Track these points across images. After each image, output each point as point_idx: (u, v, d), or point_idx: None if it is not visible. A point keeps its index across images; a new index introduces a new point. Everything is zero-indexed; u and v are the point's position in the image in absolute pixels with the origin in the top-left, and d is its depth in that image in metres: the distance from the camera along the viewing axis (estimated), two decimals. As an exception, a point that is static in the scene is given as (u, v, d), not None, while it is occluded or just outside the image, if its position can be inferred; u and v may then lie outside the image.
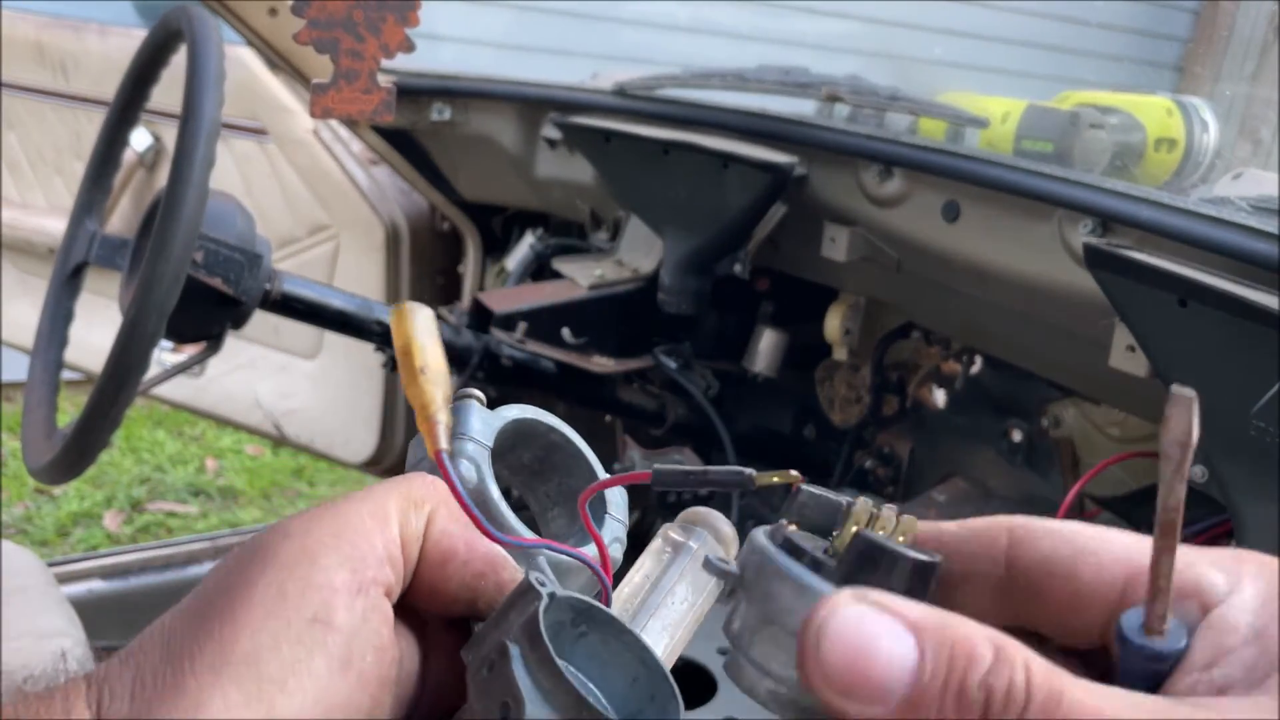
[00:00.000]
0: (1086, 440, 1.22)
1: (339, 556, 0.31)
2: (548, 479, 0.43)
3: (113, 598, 1.57)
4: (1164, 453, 0.27)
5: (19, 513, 2.63)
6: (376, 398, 1.83)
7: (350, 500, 0.33)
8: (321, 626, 0.30)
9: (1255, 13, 2.61)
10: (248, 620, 0.29)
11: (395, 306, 0.38)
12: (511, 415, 0.40)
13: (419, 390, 0.36)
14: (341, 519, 0.32)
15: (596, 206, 1.58)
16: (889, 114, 1.36)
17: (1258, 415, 0.80)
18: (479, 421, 0.38)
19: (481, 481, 0.37)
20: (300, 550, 0.31)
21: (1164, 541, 0.27)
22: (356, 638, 0.30)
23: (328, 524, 0.32)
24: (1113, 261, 0.90)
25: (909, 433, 1.44)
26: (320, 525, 0.32)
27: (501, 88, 1.55)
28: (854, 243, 1.23)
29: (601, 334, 1.43)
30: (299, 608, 0.30)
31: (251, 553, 0.31)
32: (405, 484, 0.34)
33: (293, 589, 0.30)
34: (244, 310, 1.20)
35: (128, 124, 1.25)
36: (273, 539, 0.31)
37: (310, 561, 0.30)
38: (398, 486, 0.34)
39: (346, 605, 0.30)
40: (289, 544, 0.31)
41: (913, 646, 0.27)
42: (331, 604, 0.30)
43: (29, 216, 1.99)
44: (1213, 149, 1.31)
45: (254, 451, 3.04)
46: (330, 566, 0.31)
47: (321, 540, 0.31)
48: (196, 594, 0.31)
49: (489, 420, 0.39)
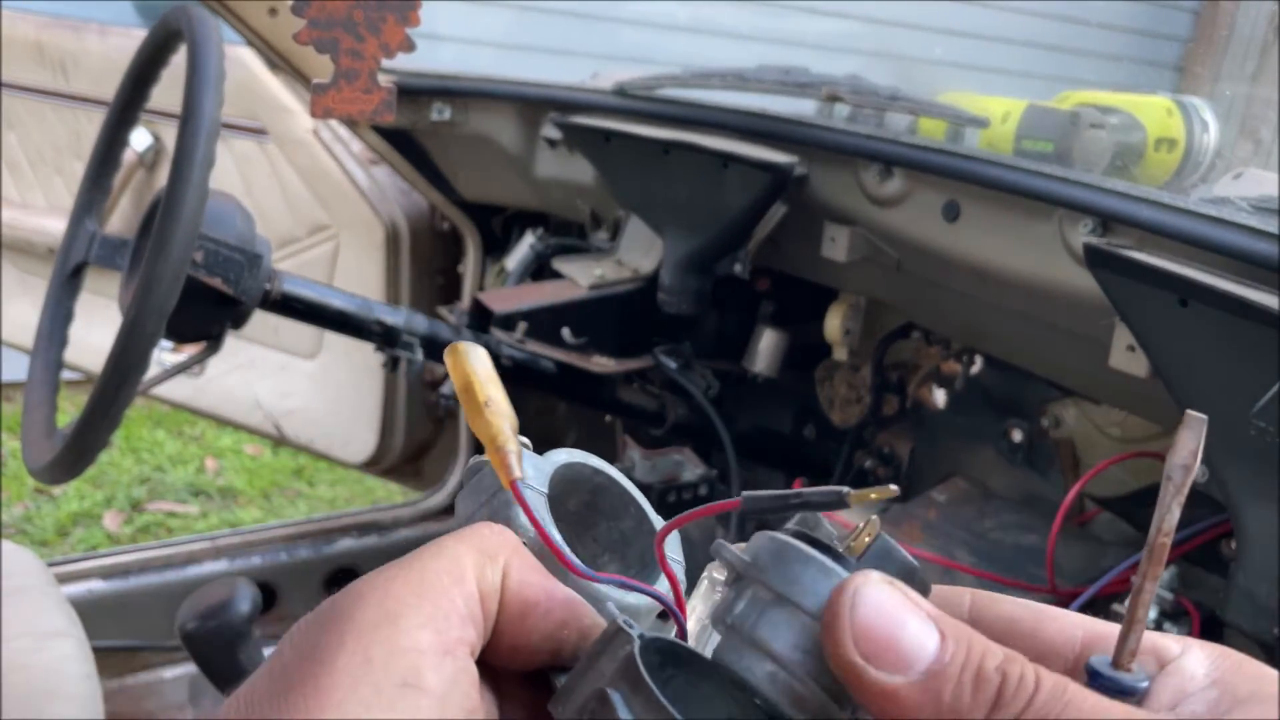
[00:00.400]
0: (1087, 440, 1.22)
1: (421, 617, 0.29)
2: (594, 525, 0.41)
3: (112, 598, 1.57)
4: (1167, 474, 0.27)
5: (19, 513, 2.63)
6: (376, 398, 1.83)
7: (423, 557, 0.31)
8: (413, 691, 0.28)
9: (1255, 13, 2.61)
10: (334, 689, 0.28)
11: (450, 348, 0.37)
12: (560, 460, 0.39)
13: (485, 423, 0.35)
14: (418, 578, 0.30)
15: (596, 206, 1.58)
16: (889, 114, 1.36)
17: (1258, 415, 0.80)
18: (531, 468, 0.37)
19: (544, 527, 0.36)
20: (381, 613, 0.29)
21: (1151, 569, 0.28)
22: (448, 701, 0.29)
23: (405, 584, 0.30)
24: (1113, 261, 0.89)
25: (909, 433, 1.44)
26: (398, 586, 0.30)
27: (501, 88, 1.55)
28: (854, 243, 1.23)
29: (601, 334, 1.43)
30: (387, 673, 0.28)
31: (327, 619, 0.30)
32: (476, 537, 0.33)
33: (378, 654, 0.28)
34: (244, 310, 1.20)
35: (128, 124, 1.25)
36: (349, 603, 0.30)
37: (392, 624, 0.29)
38: (468, 540, 0.32)
39: (435, 667, 0.29)
40: (367, 607, 0.30)
41: (936, 631, 0.29)
42: (420, 667, 0.29)
43: (29, 216, 1.99)
44: (1213, 149, 1.30)
45: (254, 451, 3.04)
46: (414, 628, 0.29)
47: (402, 601, 0.30)
48: (274, 665, 0.30)
49: (540, 465, 0.38)
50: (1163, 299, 0.85)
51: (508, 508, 0.36)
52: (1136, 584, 0.28)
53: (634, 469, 1.38)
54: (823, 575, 0.31)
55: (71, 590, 1.52)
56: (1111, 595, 1.02)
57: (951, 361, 1.37)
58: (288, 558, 1.73)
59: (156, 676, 1.62)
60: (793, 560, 0.31)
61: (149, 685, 1.61)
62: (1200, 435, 0.27)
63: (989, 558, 1.11)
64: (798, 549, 0.31)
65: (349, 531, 1.79)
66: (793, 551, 0.31)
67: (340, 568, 1.78)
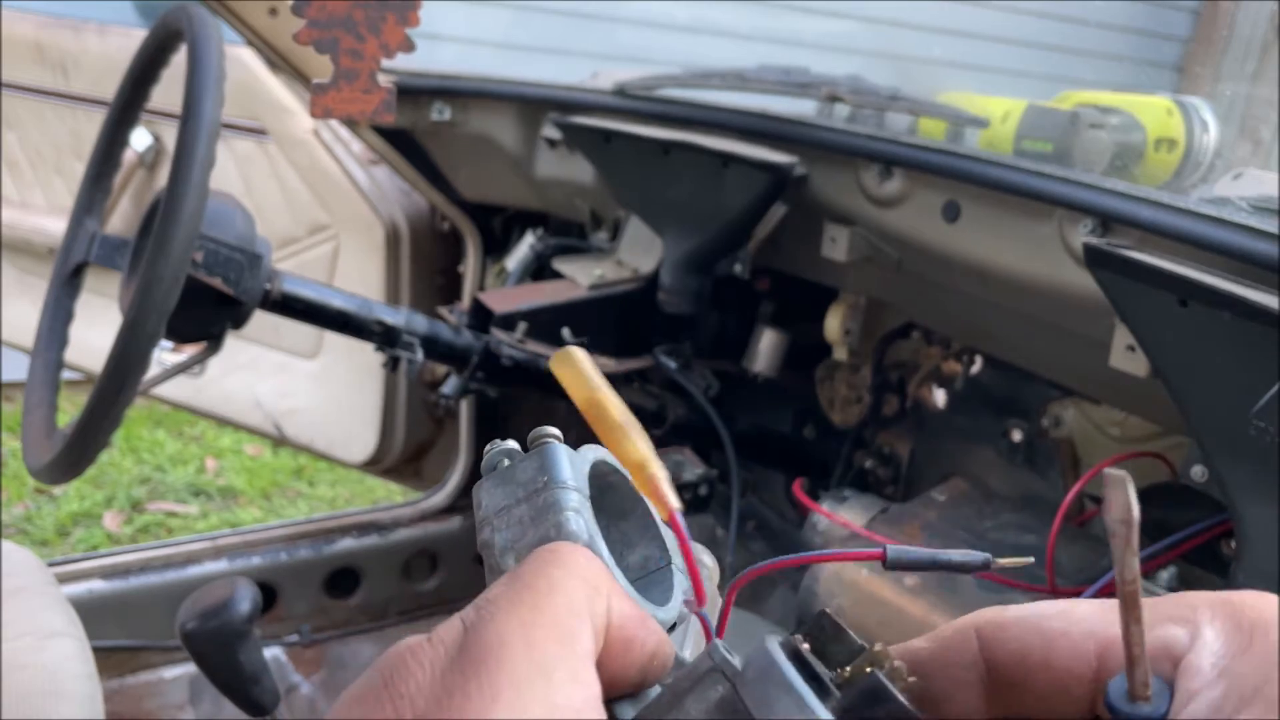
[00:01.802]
0: (1086, 440, 1.22)
1: (568, 671, 0.28)
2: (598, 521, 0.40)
3: (113, 598, 1.57)
4: (1110, 531, 0.28)
5: (19, 513, 2.63)
6: (376, 398, 1.83)
7: (540, 591, 0.30)
8: None
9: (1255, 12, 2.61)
10: None
11: (557, 356, 0.35)
12: (592, 458, 0.37)
13: (632, 447, 0.33)
14: (552, 622, 0.29)
15: (596, 206, 1.58)
16: (889, 114, 1.36)
17: (1258, 415, 0.80)
18: (568, 465, 0.35)
19: (593, 539, 0.33)
20: (531, 667, 0.27)
21: (1130, 613, 0.28)
22: None
23: (546, 630, 0.28)
24: (1113, 261, 0.89)
25: (909, 433, 1.44)
26: (539, 632, 0.28)
27: (501, 88, 1.55)
28: (854, 243, 1.23)
29: (601, 334, 1.43)
30: None
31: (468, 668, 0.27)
32: (576, 566, 0.31)
33: (536, 711, 0.27)
34: (244, 310, 1.20)
35: (128, 124, 1.25)
36: (491, 650, 0.28)
37: (546, 679, 0.27)
38: (572, 569, 0.31)
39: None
40: (515, 656, 0.28)
41: None
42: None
43: (29, 216, 1.99)
44: (1213, 149, 1.30)
45: (254, 451, 3.04)
46: (564, 684, 0.28)
47: (546, 650, 0.28)
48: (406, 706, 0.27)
49: (576, 463, 0.35)
50: (1162, 299, 0.85)
51: (553, 509, 0.34)
52: (1123, 629, 0.28)
53: (634, 469, 1.38)
54: (795, 708, 0.29)
55: (72, 590, 1.52)
56: (1111, 594, 1.02)
57: (951, 361, 1.37)
58: (288, 558, 1.73)
59: (156, 676, 1.62)
60: (773, 683, 0.30)
61: (149, 685, 1.61)
62: (1126, 489, 0.27)
63: (989, 558, 1.11)
64: (781, 673, 0.30)
65: (349, 531, 1.79)
66: (775, 674, 0.30)
67: (340, 567, 1.78)
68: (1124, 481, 0.28)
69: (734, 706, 0.29)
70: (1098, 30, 4.00)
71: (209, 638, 0.84)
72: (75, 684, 1.00)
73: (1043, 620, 0.32)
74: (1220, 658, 0.29)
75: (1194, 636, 0.30)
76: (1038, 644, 0.32)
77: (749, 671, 0.30)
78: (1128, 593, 0.28)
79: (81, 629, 1.08)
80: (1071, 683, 0.31)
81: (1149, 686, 0.29)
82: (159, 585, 1.61)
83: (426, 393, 1.84)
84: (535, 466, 0.35)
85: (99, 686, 1.03)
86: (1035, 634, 0.32)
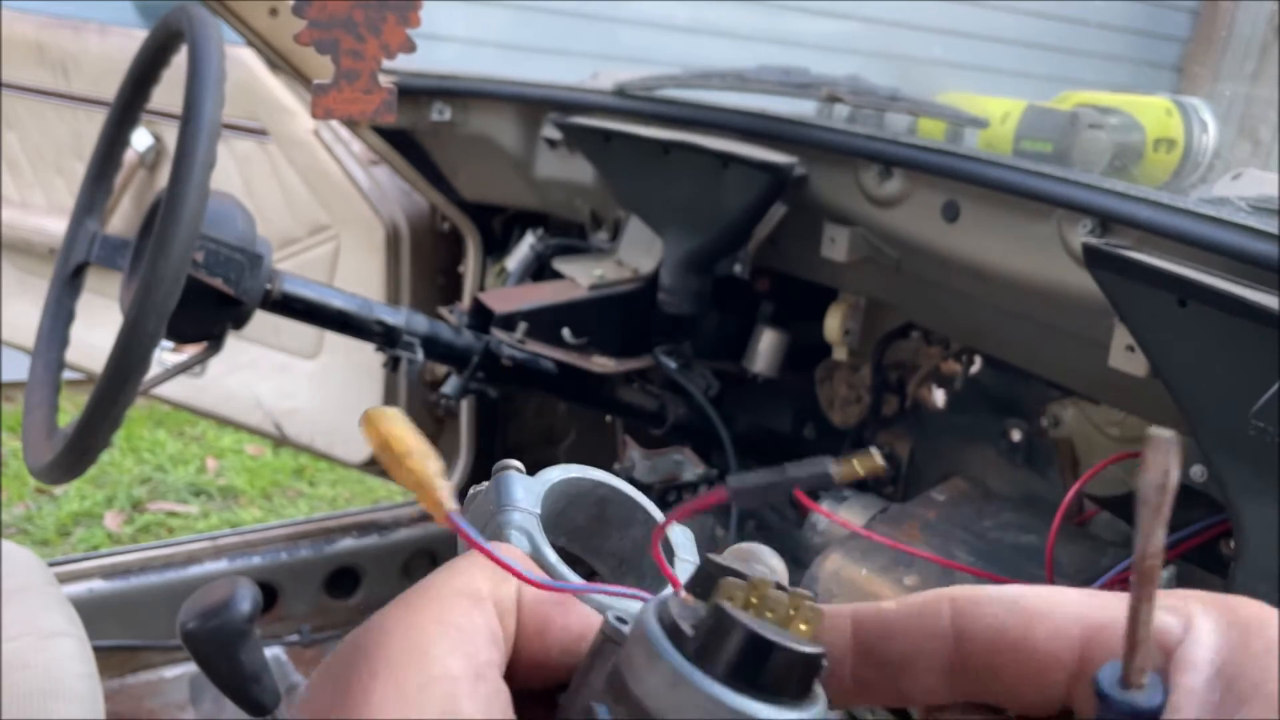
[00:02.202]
0: (1086, 440, 1.22)
1: (448, 644, 0.29)
2: (607, 537, 0.40)
3: (113, 597, 1.58)
4: (1142, 497, 0.25)
5: (20, 513, 2.63)
6: (377, 398, 1.84)
7: (436, 582, 0.31)
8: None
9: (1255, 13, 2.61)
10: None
11: (362, 416, 0.36)
12: (554, 478, 0.38)
13: (409, 471, 0.34)
14: (437, 603, 0.30)
15: (596, 207, 1.58)
16: (888, 114, 1.36)
17: (1257, 415, 0.81)
18: (521, 490, 0.37)
19: (536, 549, 0.35)
20: (408, 644, 0.29)
21: (1143, 590, 0.26)
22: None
23: (426, 612, 0.30)
24: (1112, 261, 0.90)
25: (909, 433, 1.44)
26: (419, 614, 0.29)
27: (501, 88, 1.55)
28: (854, 243, 1.23)
29: (602, 334, 1.43)
30: (423, 706, 0.28)
31: (354, 657, 0.29)
32: (477, 560, 0.32)
33: (412, 686, 0.28)
34: (244, 310, 1.20)
35: (128, 124, 1.25)
36: (373, 638, 0.29)
37: (422, 654, 0.28)
38: (479, 559, 0.32)
39: (470, 694, 0.28)
40: (393, 640, 0.29)
41: None
42: (456, 695, 0.28)
43: (29, 216, 1.99)
44: (1212, 149, 1.31)
45: (254, 451, 3.04)
46: (443, 655, 0.28)
47: (426, 630, 0.29)
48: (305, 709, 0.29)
49: (531, 486, 0.37)
50: (1162, 299, 0.86)
51: (500, 530, 0.35)
52: (1131, 607, 0.26)
53: (634, 469, 1.38)
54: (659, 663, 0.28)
55: (72, 590, 1.53)
56: (1111, 595, 1.02)
57: (951, 361, 1.37)
58: (288, 557, 1.73)
59: (157, 676, 1.62)
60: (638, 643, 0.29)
61: (149, 684, 1.61)
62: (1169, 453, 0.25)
63: (988, 557, 1.12)
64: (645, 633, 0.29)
65: (350, 531, 1.80)
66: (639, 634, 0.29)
67: (341, 567, 1.78)
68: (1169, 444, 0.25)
69: (620, 673, 0.29)
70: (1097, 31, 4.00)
71: (209, 637, 0.84)
72: (76, 683, 1.00)
73: (1023, 599, 0.30)
74: (1216, 652, 0.28)
75: (1187, 628, 0.28)
76: (1016, 622, 0.30)
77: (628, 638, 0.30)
78: (1147, 568, 0.26)
79: (82, 629, 1.08)
80: (1048, 667, 0.29)
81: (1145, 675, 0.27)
82: (159, 585, 1.61)
83: (427, 393, 1.84)
84: (491, 494, 0.37)
85: (99, 686, 1.03)
86: (1014, 611, 0.30)
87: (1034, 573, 1.07)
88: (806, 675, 0.28)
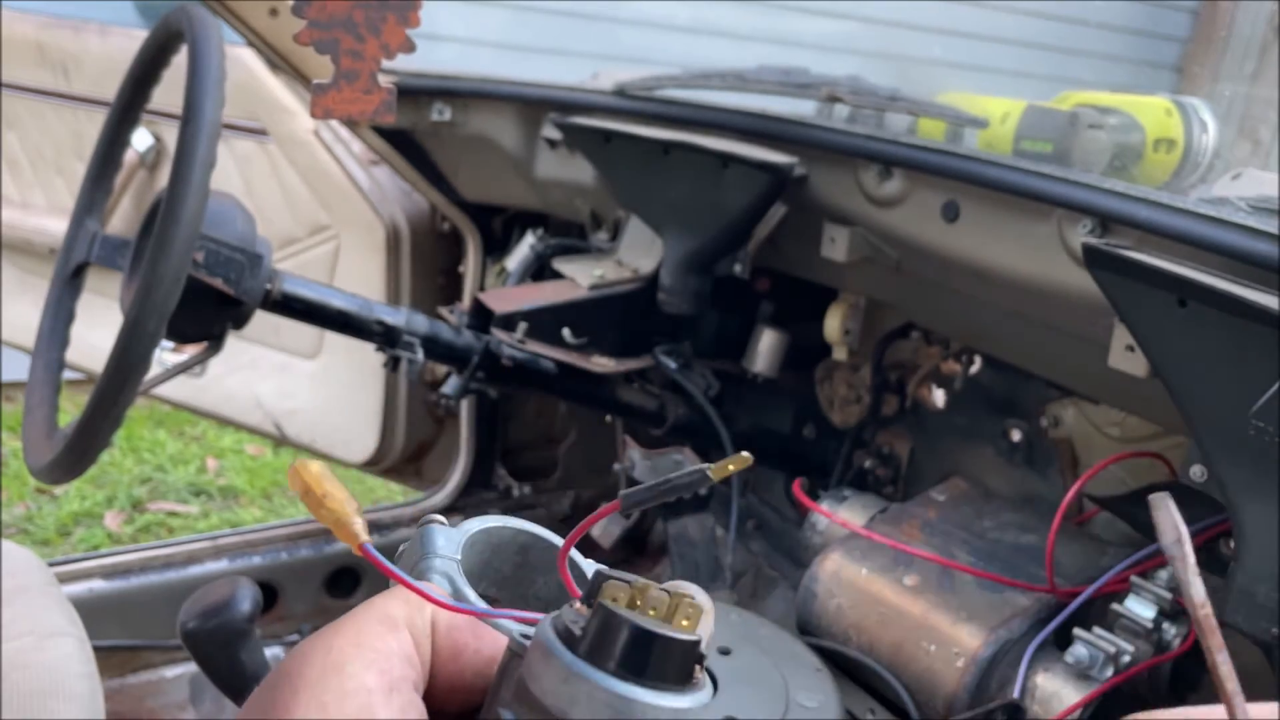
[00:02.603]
0: (1086, 440, 1.22)
1: (363, 662, 0.32)
2: (532, 581, 0.43)
3: (114, 597, 1.57)
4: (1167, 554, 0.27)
5: (20, 512, 2.63)
6: (377, 398, 1.84)
7: (355, 615, 0.34)
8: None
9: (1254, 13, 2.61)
10: None
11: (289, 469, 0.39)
12: (473, 528, 0.41)
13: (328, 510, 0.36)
14: (354, 630, 0.33)
15: (596, 207, 1.58)
16: (888, 114, 1.36)
17: (1257, 415, 0.81)
18: (443, 539, 0.39)
19: (457, 590, 0.38)
20: (326, 664, 0.32)
21: (1212, 640, 0.27)
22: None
23: (344, 636, 0.33)
24: (1112, 261, 0.90)
25: (909, 432, 1.44)
26: (336, 639, 0.33)
27: (501, 88, 1.55)
28: (854, 243, 1.23)
29: (601, 334, 1.43)
30: (341, 710, 0.30)
31: (279, 681, 0.32)
32: (401, 592, 0.35)
33: (331, 699, 0.31)
34: (245, 310, 1.20)
35: (129, 124, 1.25)
36: (295, 665, 0.32)
37: (338, 671, 0.31)
38: (396, 594, 0.35)
39: (384, 703, 0.31)
40: (313, 663, 0.32)
41: None
42: (370, 704, 0.31)
43: (29, 217, 1.99)
44: (1211, 149, 1.31)
45: (255, 451, 3.04)
46: (358, 672, 0.31)
47: (343, 651, 0.32)
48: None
49: (452, 536, 0.40)
50: (1161, 299, 0.86)
51: (427, 574, 0.38)
52: (1210, 661, 0.27)
53: (634, 469, 1.38)
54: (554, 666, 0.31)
55: (72, 589, 1.53)
56: (1110, 595, 1.02)
57: (951, 361, 1.37)
58: (289, 557, 1.73)
59: (157, 675, 1.62)
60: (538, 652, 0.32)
61: (150, 684, 1.61)
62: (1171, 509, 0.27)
63: (988, 557, 1.12)
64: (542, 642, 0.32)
65: (349, 531, 1.79)
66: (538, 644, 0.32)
67: (341, 567, 1.78)
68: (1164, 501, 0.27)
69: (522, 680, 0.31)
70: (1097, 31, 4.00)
71: (210, 637, 0.84)
72: (76, 683, 1.00)
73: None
74: None
75: None
76: None
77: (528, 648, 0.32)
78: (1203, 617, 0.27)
79: (82, 628, 1.08)
80: None
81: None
82: (160, 585, 1.61)
83: (427, 393, 1.84)
84: (415, 545, 0.40)
85: (100, 686, 1.03)
86: None
87: (1034, 572, 1.07)
88: (687, 662, 0.31)
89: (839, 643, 1.10)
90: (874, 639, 1.08)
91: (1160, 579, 0.99)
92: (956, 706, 1.00)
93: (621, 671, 0.30)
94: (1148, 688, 0.99)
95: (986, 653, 1.00)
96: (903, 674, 1.05)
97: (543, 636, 0.31)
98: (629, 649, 0.30)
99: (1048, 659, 0.99)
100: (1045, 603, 1.04)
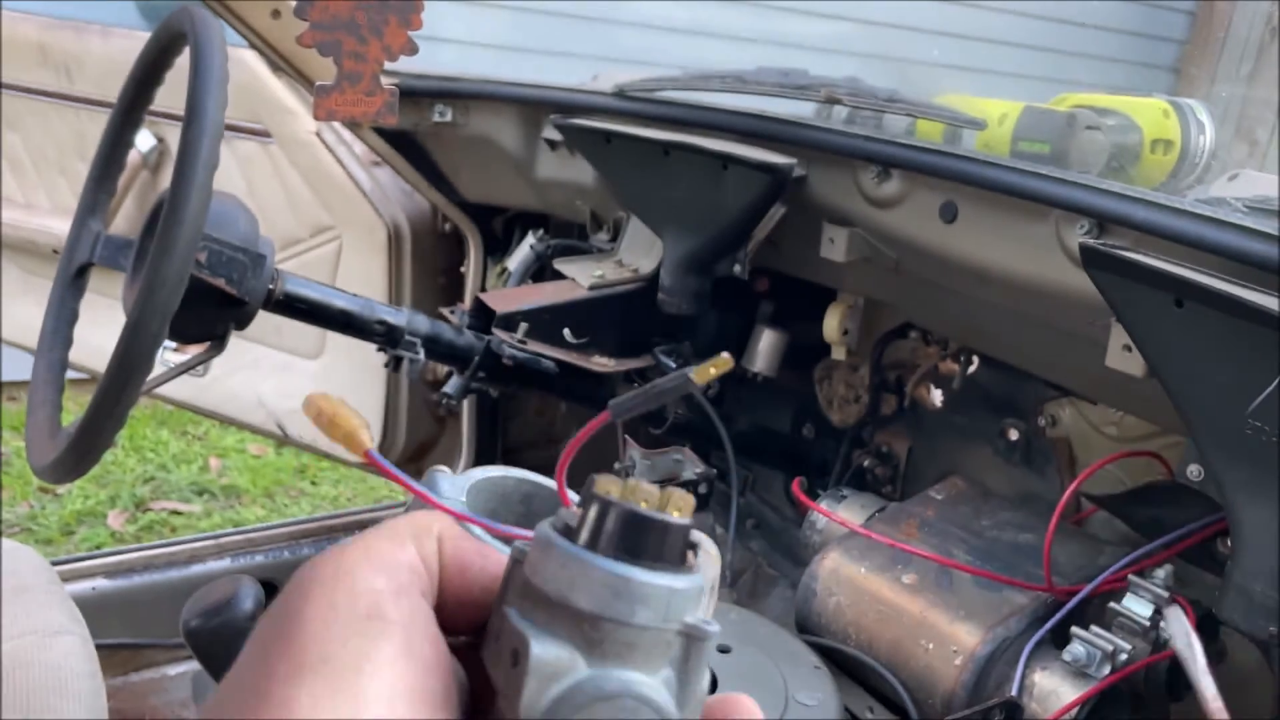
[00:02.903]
0: (1083, 439, 1.23)
1: (372, 568, 0.33)
2: None
3: (116, 596, 1.58)
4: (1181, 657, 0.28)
5: (23, 511, 2.63)
6: (379, 397, 1.84)
7: (364, 535, 0.35)
8: (378, 621, 0.32)
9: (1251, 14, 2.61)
10: (309, 633, 0.31)
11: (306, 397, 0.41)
12: (476, 475, 0.43)
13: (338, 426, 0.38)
14: (363, 546, 0.34)
15: (597, 207, 1.59)
16: (887, 116, 1.36)
17: (1254, 414, 0.81)
18: (447, 484, 0.42)
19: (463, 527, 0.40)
20: (335, 572, 0.33)
21: None
22: (411, 629, 0.32)
23: (353, 550, 0.34)
24: (1109, 262, 0.90)
25: (907, 432, 1.44)
26: (346, 553, 0.34)
27: (502, 89, 1.56)
28: (853, 243, 1.24)
29: (602, 334, 1.44)
30: (352, 608, 0.32)
31: (289, 593, 0.33)
32: (409, 516, 0.37)
33: (341, 599, 0.32)
34: (247, 310, 1.20)
35: (131, 125, 1.25)
36: (305, 574, 0.34)
37: (348, 575, 0.33)
38: (403, 517, 0.36)
39: (393, 603, 0.32)
40: (323, 571, 0.33)
41: None
42: (380, 603, 0.32)
43: (32, 217, 1.99)
44: (1209, 150, 1.31)
45: (257, 451, 3.05)
46: (368, 576, 0.33)
47: (353, 560, 0.34)
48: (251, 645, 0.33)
49: (456, 482, 0.42)
50: (1159, 299, 0.86)
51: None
52: None
53: (634, 468, 1.39)
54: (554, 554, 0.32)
55: (75, 588, 1.53)
56: (1108, 593, 1.03)
57: (949, 361, 1.37)
58: (291, 556, 1.73)
59: (160, 674, 1.63)
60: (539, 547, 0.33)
61: (152, 682, 1.62)
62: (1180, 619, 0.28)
63: (986, 556, 1.12)
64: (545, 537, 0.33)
65: (352, 530, 1.80)
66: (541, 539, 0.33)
67: (342, 567, 1.78)
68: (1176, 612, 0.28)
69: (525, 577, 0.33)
70: (1094, 32, 4.00)
71: (212, 635, 0.85)
72: (79, 681, 1.00)
73: None
74: None
75: None
76: None
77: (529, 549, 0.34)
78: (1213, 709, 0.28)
79: (85, 627, 1.09)
80: None
81: None
82: (162, 583, 1.61)
83: (428, 392, 1.84)
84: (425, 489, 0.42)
85: (102, 684, 1.04)
86: None
87: (1032, 571, 1.08)
88: (680, 545, 0.33)
89: (838, 641, 1.10)
90: (873, 637, 1.08)
91: (1158, 577, 1.00)
92: (954, 704, 1.00)
93: (618, 553, 0.32)
94: (1145, 686, 1.00)
95: (984, 651, 1.00)
96: (901, 672, 1.05)
97: (542, 533, 0.33)
98: (623, 532, 0.32)
99: (1045, 657, 1.00)
100: (1043, 601, 1.05)
